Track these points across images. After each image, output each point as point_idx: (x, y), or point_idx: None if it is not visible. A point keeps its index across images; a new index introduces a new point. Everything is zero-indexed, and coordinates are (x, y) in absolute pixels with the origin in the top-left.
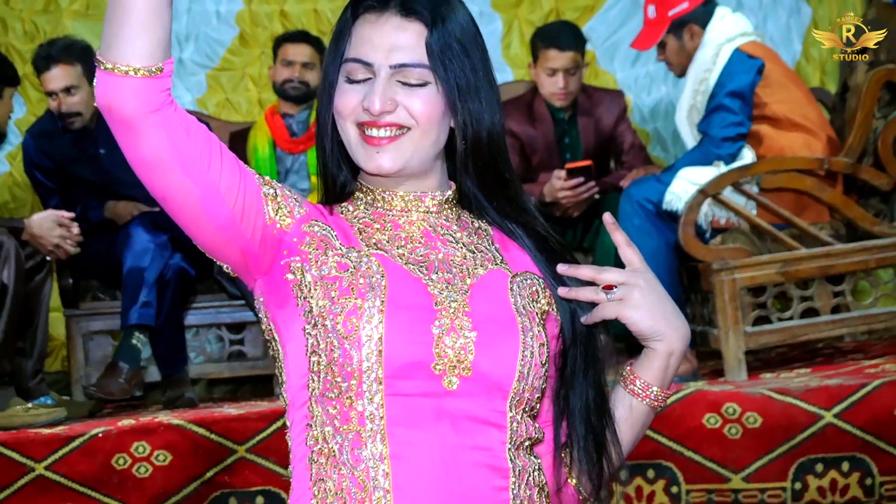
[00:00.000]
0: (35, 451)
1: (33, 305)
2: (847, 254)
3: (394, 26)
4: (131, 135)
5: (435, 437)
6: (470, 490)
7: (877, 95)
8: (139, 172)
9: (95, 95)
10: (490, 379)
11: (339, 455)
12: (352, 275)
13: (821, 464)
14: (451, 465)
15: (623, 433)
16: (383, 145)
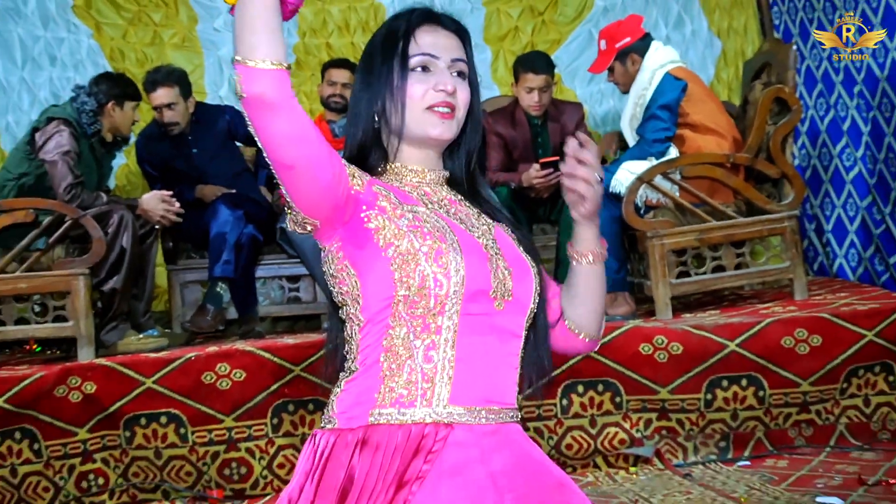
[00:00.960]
0: (145, 369)
1: (144, 262)
2: (746, 225)
3: (446, 35)
4: (277, 115)
5: (487, 345)
6: (501, 383)
7: (769, 108)
8: (276, 148)
9: (243, 88)
10: (521, 301)
11: (413, 355)
12: (428, 225)
13: (726, 380)
14: (494, 366)
15: (590, 294)
16: (447, 119)
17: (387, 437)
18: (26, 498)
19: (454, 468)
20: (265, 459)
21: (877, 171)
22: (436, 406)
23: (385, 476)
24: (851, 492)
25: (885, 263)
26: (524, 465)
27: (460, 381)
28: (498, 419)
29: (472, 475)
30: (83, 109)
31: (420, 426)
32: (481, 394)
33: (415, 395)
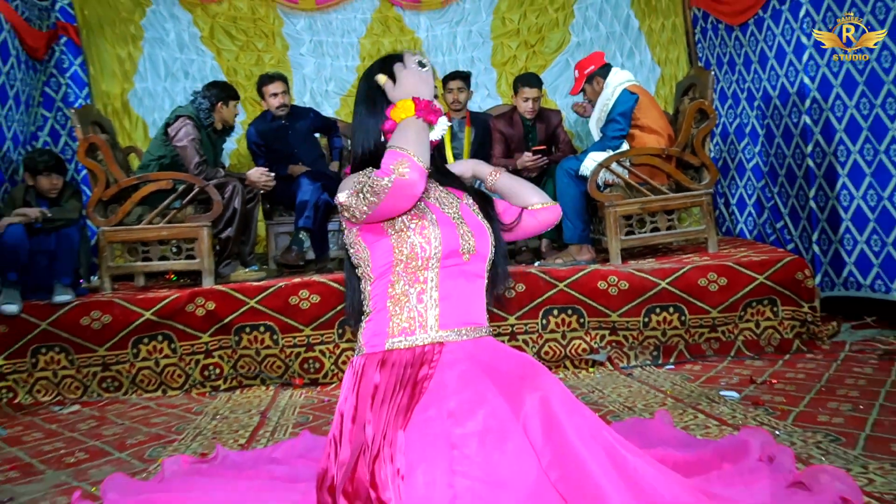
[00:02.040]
0: (249, 293)
1: (249, 218)
2: (676, 199)
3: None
4: (412, 198)
5: (460, 285)
6: (474, 310)
7: (693, 116)
8: (390, 214)
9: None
10: (481, 253)
11: (409, 300)
12: (415, 209)
13: (658, 308)
14: (466, 298)
15: (510, 188)
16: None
17: (399, 357)
18: (165, 382)
19: (450, 364)
20: (332, 358)
21: (769, 163)
22: (430, 331)
23: (400, 382)
24: (745, 388)
25: (773, 228)
26: (501, 357)
27: (445, 312)
28: (476, 335)
29: (463, 367)
30: (200, 108)
31: (421, 347)
32: (461, 318)
33: (415, 326)
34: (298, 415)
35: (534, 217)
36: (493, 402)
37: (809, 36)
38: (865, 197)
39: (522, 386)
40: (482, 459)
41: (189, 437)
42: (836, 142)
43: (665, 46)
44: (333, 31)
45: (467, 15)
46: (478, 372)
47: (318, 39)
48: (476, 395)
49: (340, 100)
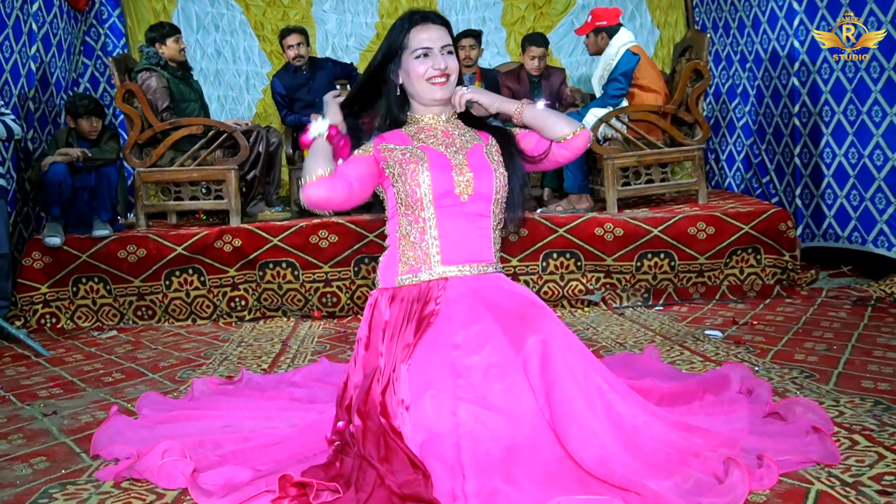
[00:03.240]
0: (273, 231)
1: (273, 162)
2: (670, 153)
3: (434, 29)
4: (330, 205)
5: (460, 224)
6: (477, 247)
7: (689, 76)
8: (348, 207)
9: (306, 202)
10: (483, 194)
11: (414, 237)
12: (410, 155)
13: (650, 254)
14: (468, 237)
15: (541, 120)
16: (442, 85)
17: (408, 292)
18: (195, 312)
19: (454, 299)
20: (349, 293)
21: (757, 122)
22: (434, 267)
23: (408, 317)
24: (728, 328)
25: (759, 183)
26: (505, 295)
27: (445, 249)
28: (480, 271)
29: (466, 301)
30: (149, 55)
31: (427, 283)
32: (463, 256)
33: (420, 264)
34: (317, 344)
35: (565, 148)
36: (497, 339)
37: (801, 2)
38: (847, 155)
39: (525, 326)
40: (485, 389)
41: (216, 361)
42: (822, 103)
43: (664, 10)
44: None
45: None
46: (482, 308)
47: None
48: (481, 332)
49: (360, 55)
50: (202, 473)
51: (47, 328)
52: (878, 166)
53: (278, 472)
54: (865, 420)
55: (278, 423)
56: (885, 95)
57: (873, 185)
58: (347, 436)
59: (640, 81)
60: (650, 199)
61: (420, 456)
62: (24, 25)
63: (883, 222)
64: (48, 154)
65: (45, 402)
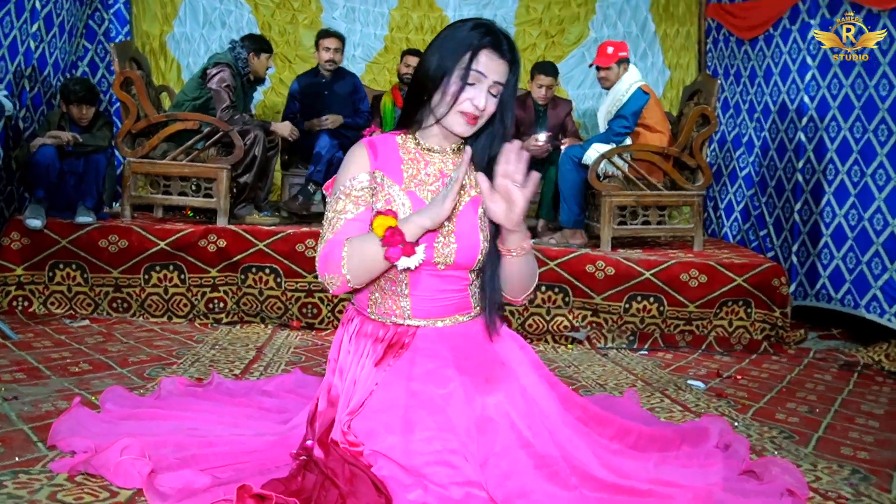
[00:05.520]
0: (260, 236)
1: (267, 166)
2: (669, 196)
3: (500, 62)
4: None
5: (434, 286)
6: (451, 304)
7: (696, 120)
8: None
9: (330, 289)
10: (462, 264)
11: (385, 287)
12: (394, 205)
13: (640, 296)
14: (441, 297)
15: (515, 277)
16: (471, 123)
17: (376, 329)
18: (172, 309)
19: (421, 350)
20: (330, 305)
21: (760, 173)
22: (404, 317)
23: (374, 351)
24: (711, 380)
25: (756, 235)
26: (474, 350)
27: (416, 306)
28: (454, 322)
29: (435, 346)
30: (239, 57)
31: (395, 326)
32: (434, 312)
33: (389, 310)
34: (292, 354)
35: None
36: (454, 390)
37: (815, 57)
38: (847, 216)
39: (484, 385)
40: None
41: (188, 362)
42: (827, 160)
43: (677, 52)
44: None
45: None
46: (447, 361)
47: (351, 6)
48: (440, 378)
49: (365, 65)
50: (160, 475)
51: (18, 311)
52: (877, 230)
53: (238, 481)
54: (841, 488)
55: (244, 431)
56: (891, 159)
57: (871, 249)
58: (313, 454)
59: (647, 121)
60: (645, 241)
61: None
62: (26, 2)
63: (877, 288)
64: (39, 135)
65: (6, 387)
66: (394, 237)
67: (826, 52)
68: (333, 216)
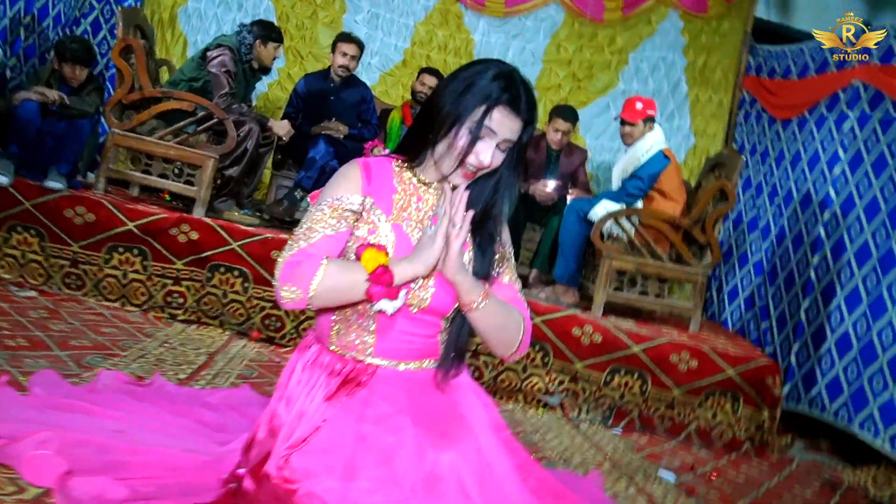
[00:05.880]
0: (235, 234)
1: (257, 163)
2: (672, 269)
3: (514, 121)
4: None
5: (403, 327)
6: (418, 348)
7: (713, 194)
8: None
9: (284, 302)
10: (437, 310)
11: (349, 319)
12: (377, 238)
13: (623, 370)
14: (409, 339)
15: (484, 335)
16: (468, 178)
17: (333, 361)
18: (127, 295)
19: (379, 392)
20: (295, 321)
21: (772, 262)
22: (366, 354)
23: (327, 384)
24: (684, 473)
25: (756, 326)
26: (433, 401)
27: (380, 344)
28: (418, 367)
29: (392, 390)
30: (243, 42)
31: (355, 363)
32: (399, 353)
33: (351, 344)
34: (245, 367)
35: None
36: (406, 440)
37: (847, 150)
38: (856, 325)
39: (440, 441)
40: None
41: (132, 356)
42: (844, 262)
43: (706, 119)
44: (393, 9)
45: (526, 31)
46: (403, 407)
47: (375, 12)
48: (393, 425)
49: (380, 76)
50: (75, 477)
51: None
52: (884, 345)
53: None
54: None
55: (176, 444)
56: None
57: (875, 364)
58: (243, 484)
59: (662, 187)
60: (639, 312)
61: None
62: None
63: (875, 406)
64: (24, 88)
65: None
66: (383, 277)
67: (860, 147)
68: (312, 226)
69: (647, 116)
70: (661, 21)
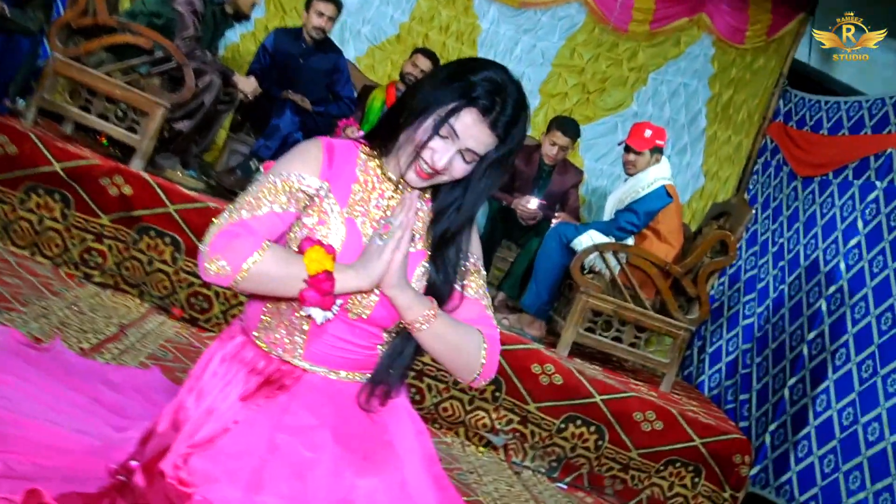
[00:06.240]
0: (174, 197)
1: (213, 121)
2: (653, 319)
3: (483, 131)
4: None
5: (339, 332)
6: (353, 358)
7: (713, 244)
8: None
9: (210, 275)
10: (378, 321)
11: (283, 312)
12: (327, 228)
13: (580, 420)
14: (343, 347)
15: (437, 355)
16: (423, 177)
17: (256, 358)
18: (40, 245)
19: (303, 402)
20: (224, 305)
21: (763, 329)
22: (294, 355)
23: (245, 383)
24: None
25: (735, 397)
26: (360, 420)
27: (311, 347)
28: (350, 378)
29: (316, 401)
30: None
31: (279, 363)
32: (330, 361)
33: (279, 342)
34: (159, 347)
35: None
36: (323, 458)
37: (868, 223)
38: (842, 412)
39: (362, 465)
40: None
41: (33, 313)
42: (841, 343)
43: (720, 161)
44: None
45: (540, 28)
46: (326, 421)
47: None
48: (312, 440)
49: (369, 48)
50: None
51: None
52: (869, 441)
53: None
54: None
55: (65, 421)
56: None
57: (855, 459)
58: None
59: (659, 226)
60: (609, 359)
61: None
62: None
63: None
64: None
65: None
66: (323, 284)
67: (882, 221)
68: (260, 197)
69: (656, 146)
70: (690, 44)
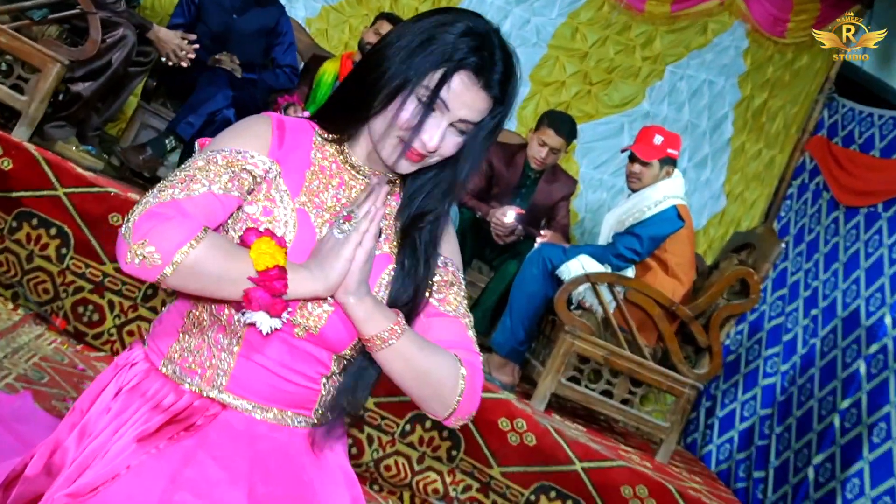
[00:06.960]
0: (65, 178)
1: (121, 86)
2: (653, 371)
3: (481, 97)
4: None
5: (279, 356)
6: (290, 392)
7: (731, 283)
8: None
9: (137, 265)
10: (328, 341)
11: (206, 328)
12: (273, 220)
13: (554, 492)
14: (283, 375)
15: (399, 381)
16: (413, 160)
17: (160, 390)
18: None
19: (214, 442)
20: (121, 319)
21: (787, 392)
22: (213, 386)
23: (144, 422)
24: None
25: (747, 474)
26: (286, 470)
27: (239, 374)
28: (278, 420)
29: (231, 450)
30: None
31: (191, 397)
32: (259, 393)
33: (196, 371)
34: (33, 367)
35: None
36: None
37: None
38: (877, 501)
39: None
40: None
41: None
42: (881, 416)
43: (748, 179)
44: None
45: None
46: (239, 476)
47: None
48: (219, 498)
49: (323, 7)
50: None
51: None
52: None
53: None
54: None
55: None
56: None
57: None
58: None
59: (666, 256)
60: (595, 418)
61: None
62: None
63: None
64: None
65: None
66: (274, 282)
67: None
68: (196, 175)
69: (667, 156)
70: (720, 33)
